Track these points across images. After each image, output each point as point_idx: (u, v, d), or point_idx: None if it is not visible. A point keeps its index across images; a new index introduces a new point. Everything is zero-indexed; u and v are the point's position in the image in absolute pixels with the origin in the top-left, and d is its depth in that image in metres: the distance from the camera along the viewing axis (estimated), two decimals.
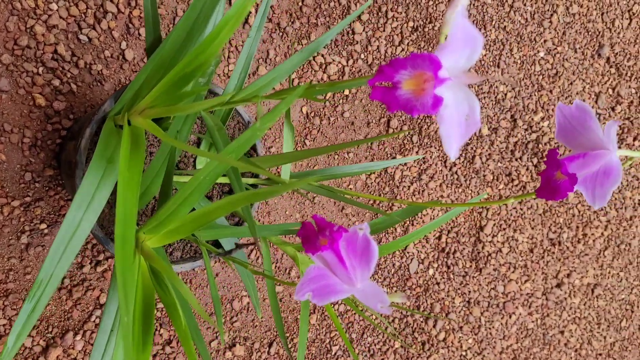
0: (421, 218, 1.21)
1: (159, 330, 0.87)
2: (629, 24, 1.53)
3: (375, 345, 1.17)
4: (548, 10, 1.38)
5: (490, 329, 1.38)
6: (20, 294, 0.75)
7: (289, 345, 1.03)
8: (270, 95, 0.51)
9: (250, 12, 0.92)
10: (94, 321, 0.80)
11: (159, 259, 0.52)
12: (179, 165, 0.68)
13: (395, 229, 1.19)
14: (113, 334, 0.56)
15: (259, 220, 0.97)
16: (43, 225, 0.75)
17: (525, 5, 1.35)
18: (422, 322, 1.25)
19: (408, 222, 1.23)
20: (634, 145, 1.57)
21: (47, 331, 0.77)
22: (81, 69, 0.76)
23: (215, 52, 0.47)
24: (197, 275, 0.91)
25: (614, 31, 1.51)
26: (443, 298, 1.29)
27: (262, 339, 0.99)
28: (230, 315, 0.95)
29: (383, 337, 1.19)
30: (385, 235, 1.20)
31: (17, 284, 0.74)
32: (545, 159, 0.46)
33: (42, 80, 0.73)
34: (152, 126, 0.52)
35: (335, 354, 1.11)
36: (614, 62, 1.50)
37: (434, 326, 1.27)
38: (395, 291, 1.21)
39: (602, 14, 1.48)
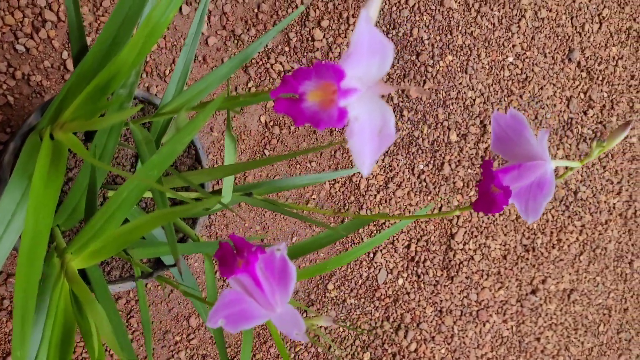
0: (384, 229, 1.18)
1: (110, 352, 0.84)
2: (599, 27, 1.52)
3: (344, 358, 1.15)
4: (516, 15, 1.37)
5: (463, 338, 1.35)
6: None
7: None
8: (196, 107, 0.48)
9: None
10: None
11: (79, 282, 0.49)
12: (116, 180, 0.65)
13: (363, 240, 1.16)
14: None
15: (217, 234, 0.94)
16: None
17: (492, 10, 1.33)
18: (392, 333, 1.23)
19: (376, 232, 1.20)
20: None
21: None
22: (18, 80, 0.73)
23: (132, 62, 0.44)
24: (150, 291, 0.88)
25: (584, 35, 1.50)
26: (414, 308, 1.26)
27: None
28: (187, 332, 0.91)
29: (352, 349, 1.16)
30: (352, 246, 1.17)
31: None
32: (480, 171, 0.44)
33: None
34: (72, 141, 0.49)
35: None
36: (584, 66, 1.49)
37: (405, 337, 1.25)
38: (363, 302, 1.18)
39: (572, 18, 1.47)
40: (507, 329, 1.44)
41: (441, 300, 1.31)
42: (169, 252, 0.58)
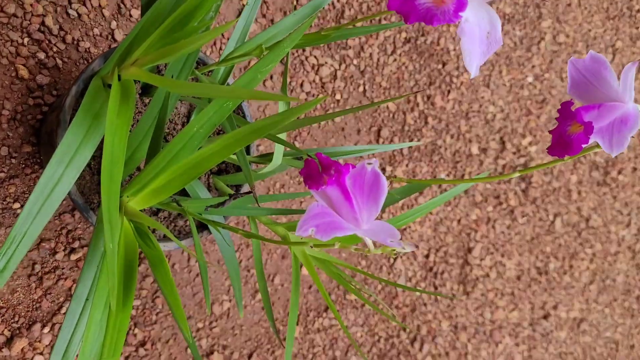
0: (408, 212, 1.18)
1: (133, 330, 0.82)
2: (612, 59, 1.57)
3: None
4: (536, 36, 1.41)
5: (477, 357, 1.34)
6: None
7: (270, 358, 0.98)
8: (270, 47, 0.49)
9: None
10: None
11: (142, 216, 0.49)
12: (167, 138, 0.66)
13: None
14: (88, 302, 0.52)
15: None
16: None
17: (514, 29, 1.37)
18: (408, 344, 1.21)
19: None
20: (618, 177, 1.57)
21: (13, 320, 0.72)
22: (68, 44, 0.74)
23: None
24: (176, 273, 0.87)
25: None
26: (430, 320, 1.25)
27: (241, 349, 0.94)
28: (210, 319, 0.90)
29: (369, 356, 1.14)
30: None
31: None
32: (557, 114, 0.45)
33: (26, 51, 0.71)
34: (147, 75, 0.49)
35: None
36: None
37: (420, 350, 1.23)
38: (382, 308, 1.17)
39: (587, 46, 1.52)
40: (519, 353, 1.42)
41: (457, 315, 1.30)
42: (219, 204, 0.58)
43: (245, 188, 0.68)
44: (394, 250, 0.39)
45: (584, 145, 0.43)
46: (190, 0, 0.45)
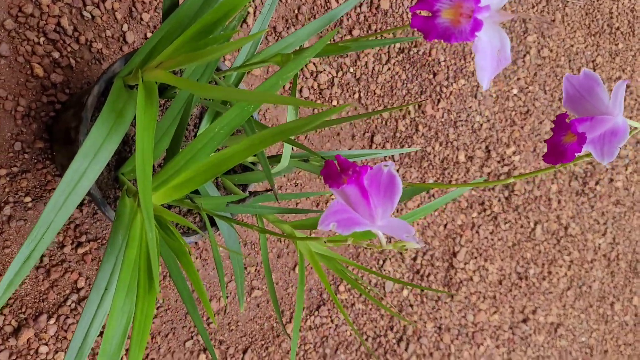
0: None
1: None
2: None
3: None
4: (522, 50, 1.46)
5: (459, 358, 1.38)
6: None
7: (264, 354, 1.01)
8: (292, 53, 0.52)
9: (248, 13, 0.94)
10: (70, 305, 0.77)
11: (165, 210, 0.52)
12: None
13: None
14: (107, 292, 0.55)
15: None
16: (27, 199, 0.73)
17: None
18: (394, 343, 1.25)
19: None
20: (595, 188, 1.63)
21: (20, 311, 0.74)
22: (82, 45, 0.76)
23: (240, 4, 0.49)
24: None
25: None
26: (416, 321, 1.29)
27: (237, 344, 0.96)
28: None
29: (356, 355, 1.17)
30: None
31: None
32: (553, 125, 0.49)
33: (42, 50, 0.73)
34: (172, 77, 0.52)
35: None
36: None
37: (406, 350, 1.27)
38: (370, 309, 1.21)
39: (570, 61, 1.58)
40: (499, 355, 1.47)
41: (441, 317, 1.34)
42: (232, 200, 0.61)
43: (251, 187, 0.72)
44: (404, 246, 0.43)
45: (576, 154, 0.47)
46: (216, 10, 0.49)
